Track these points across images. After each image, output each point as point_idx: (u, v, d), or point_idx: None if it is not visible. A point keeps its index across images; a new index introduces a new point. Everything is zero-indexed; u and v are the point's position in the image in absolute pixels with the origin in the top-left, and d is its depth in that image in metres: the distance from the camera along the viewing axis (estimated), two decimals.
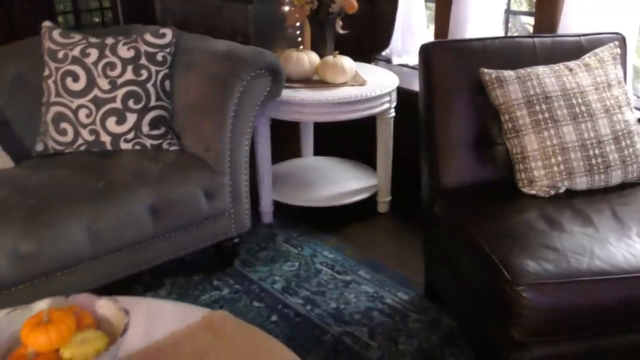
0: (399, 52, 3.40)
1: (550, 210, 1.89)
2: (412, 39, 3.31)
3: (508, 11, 3.01)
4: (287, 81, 2.66)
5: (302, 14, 2.89)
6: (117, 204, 2.15)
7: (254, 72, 2.38)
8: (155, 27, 2.63)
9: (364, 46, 3.39)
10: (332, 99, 2.71)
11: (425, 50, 2.18)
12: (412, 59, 3.33)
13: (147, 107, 2.42)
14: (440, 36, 3.02)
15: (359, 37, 3.23)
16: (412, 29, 3.30)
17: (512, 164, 2.06)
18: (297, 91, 2.76)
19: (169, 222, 2.28)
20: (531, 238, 1.74)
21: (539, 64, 2.12)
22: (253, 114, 2.46)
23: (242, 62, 2.39)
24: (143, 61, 2.43)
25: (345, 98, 2.72)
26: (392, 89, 2.87)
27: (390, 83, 2.88)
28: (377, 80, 2.90)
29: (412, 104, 2.41)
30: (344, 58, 2.83)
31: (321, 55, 2.91)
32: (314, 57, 2.90)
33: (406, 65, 3.37)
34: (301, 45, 3.13)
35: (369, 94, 2.76)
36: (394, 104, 2.94)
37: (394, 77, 2.96)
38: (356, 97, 2.73)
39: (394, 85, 2.89)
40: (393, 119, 2.97)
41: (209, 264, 2.67)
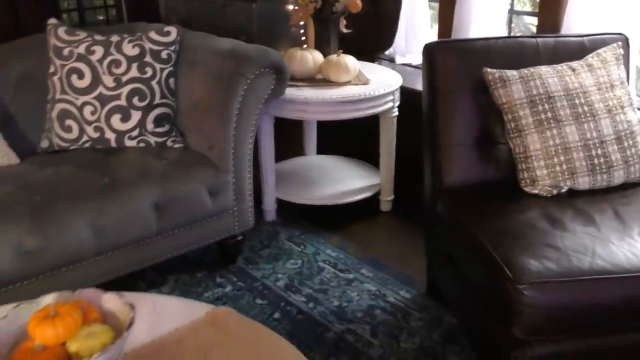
0: (403, 52, 3.40)
1: (553, 210, 1.89)
2: (416, 39, 3.31)
3: (511, 11, 3.01)
4: (291, 80, 2.66)
5: (306, 13, 2.90)
6: (121, 201, 2.15)
7: (258, 71, 2.39)
8: (160, 25, 2.64)
9: (368, 45, 3.39)
10: (335, 98, 2.72)
11: (428, 50, 2.19)
12: (416, 59, 3.34)
13: (152, 104, 2.43)
14: (444, 36, 3.02)
15: (363, 36, 3.23)
16: (416, 28, 3.30)
17: (515, 163, 2.06)
18: (301, 90, 2.76)
19: (173, 219, 2.29)
20: (533, 237, 1.74)
21: (542, 64, 2.13)
22: (257, 112, 2.47)
23: (247, 61, 2.39)
24: (148, 59, 2.44)
25: (348, 97, 2.73)
26: (395, 88, 2.87)
27: (394, 82, 2.88)
28: (380, 79, 2.91)
29: (415, 103, 2.42)
30: (348, 57, 2.83)
31: (325, 54, 2.92)
32: (318, 56, 2.90)
33: (409, 65, 3.37)
34: (305, 44, 3.13)
35: (372, 93, 2.76)
36: (397, 103, 2.94)
37: (397, 76, 2.97)
38: (359, 96, 2.74)
39: (397, 84, 2.89)
40: (396, 118, 2.97)
41: (212, 261, 2.68)
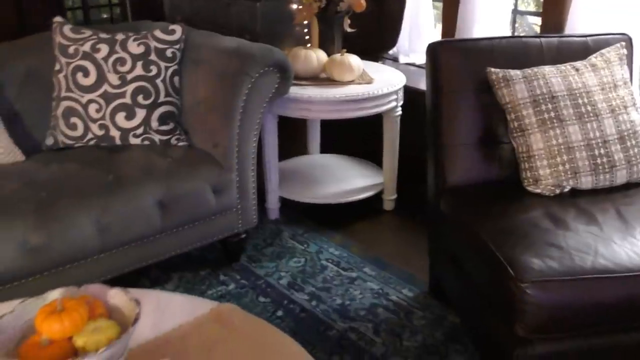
0: (406, 51, 3.41)
1: (555, 209, 1.90)
2: (419, 38, 3.31)
3: (515, 11, 3.01)
4: (295, 79, 2.67)
5: (310, 12, 2.91)
6: (126, 198, 2.17)
7: (262, 69, 2.40)
8: (165, 24, 2.65)
9: (372, 45, 3.39)
10: (339, 97, 2.73)
11: (432, 49, 2.19)
12: (419, 58, 3.34)
13: (156, 102, 2.44)
14: (448, 35, 3.03)
15: (367, 35, 3.23)
16: (420, 28, 3.31)
17: (518, 162, 2.07)
18: (305, 88, 2.77)
19: (177, 216, 2.30)
20: (536, 236, 1.75)
21: (546, 63, 2.13)
22: (261, 110, 2.48)
23: (251, 59, 2.40)
24: (153, 57, 2.45)
25: (352, 96, 2.74)
26: (398, 87, 2.88)
27: (397, 82, 2.89)
28: (384, 78, 2.91)
29: (419, 102, 2.43)
30: (352, 56, 2.84)
31: (329, 53, 2.93)
32: (322, 55, 2.91)
33: (413, 64, 3.38)
34: (309, 43, 3.14)
35: (375, 92, 2.77)
36: (401, 102, 2.95)
37: (401, 75, 2.97)
38: (363, 95, 2.74)
39: (401, 83, 2.90)
40: (399, 118, 2.98)
41: (215, 259, 2.69)
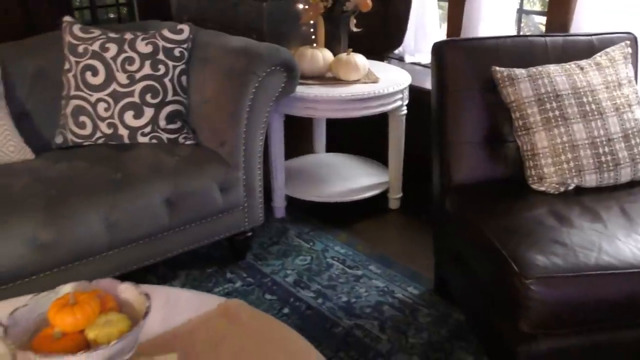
0: (412, 51, 3.42)
1: (560, 207, 1.91)
2: (425, 38, 3.32)
3: (520, 10, 3.02)
4: (301, 78, 2.68)
5: (316, 12, 2.92)
6: (134, 196, 2.19)
7: (269, 69, 2.41)
8: (173, 23, 2.67)
9: (377, 44, 3.41)
10: (345, 96, 2.74)
11: (438, 48, 2.20)
12: (425, 58, 3.35)
13: (164, 101, 2.46)
14: (453, 35, 3.03)
15: (373, 35, 3.25)
16: (425, 27, 3.32)
17: (523, 161, 2.08)
18: (311, 88, 2.79)
19: (184, 214, 2.32)
20: (540, 233, 1.76)
21: (551, 62, 2.14)
22: (267, 109, 2.49)
23: (258, 58, 2.42)
24: (161, 56, 2.47)
25: (358, 95, 2.75)
26: (404, 86, 2.89)
27: (403, 81, 2.90)
28: (389, 78, 2.93)
29: (424, 102, 2.44)
30: (357, 56, 2.85)
31: (335, 53, 2.94)
32: (328, 54, 2.92)
33: (418, 64, 3.39)
34: (315, 43, 3.15)
35: (381, 91, 2.78)
36: (406, 101, 2.96)
37: (407, 75, 2.98)
38: (369, 94, 2.76)
39: (406, 83, 2.91)
40: (405, 117, 2.99)
41: (222, 256, 2.71)
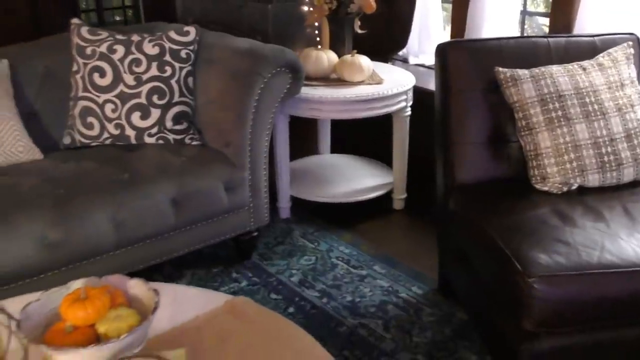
0: (416, 52, 3.43)
1: (563, 206, 1.92)
2: (429, 40, 3.33)
3: (524, 12, 3.03)
4: (306, 79, 2.71)
5: (321, 14, 2.94)
6: (140, 196, 2.21)
7: (274, 70, 2.43)
8: (179, 25, 2.69)
9: (382, 46, 3.42)
10: (349, 97, 2.76)
11: (441, 50, 2.22)
12: (429, 59, 3.36)
13: (171, 102, 2.49)
14: (457, 37, 3.04)
15: (377, 37, 3.26)
16: (429, 29, 3.33)
17: (526, 161, 2.09)
18: (316, 89, 2.81)
19: (190, 214, 2.34)
20: (543, 232, 1.77)
21: (554, 63, 2.15)
22: (273, 110, 2.52)
23: (263, 60, 2.44)
24: (167, 58, 2.49)
25: (362, 96, 2.77)
26: (408, 88, 2.91)
27: (407, 82, 2.92)
28: (393, 79, 2.94)
29: (428, 103, 2.45)
30: (362, 57, 2.87)
31: (339, 54, 2.96)
32: (333, 56, 2.94)
33: (422, 65, 3.40)
34: (320, 45, 3.17)
35: (385, 92, 2.80)
36: (410, 102, 2.98)
37: (411, 76, 3.00)
38: (373, 95, 2.78)
39: (411, 84, 2.93)
40: (409, 118, 3.01)
41: (227, 256, 2.73)
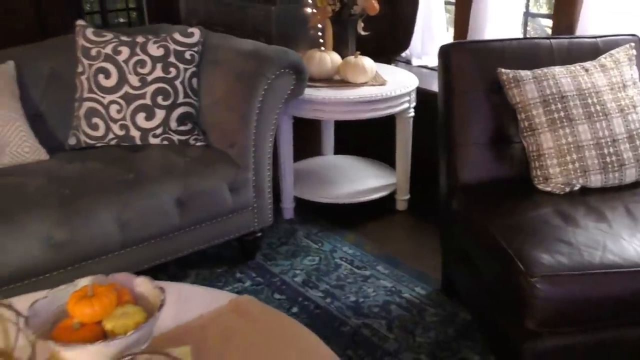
0: (419, 54, 3.44)
1: (565, 207, 1.92)
2: (432, 41, 3.34)
3: (527, 14, 3.04)
4: (310, 80, 2.72)
5: (324, 15, 2.95)
6: (145, 196, 2.22)
7: (278, 71, 2.45)
8: (184, 27, 2.70)
9: (385, 47, 3.43)
10: (353, 98, 2.77)
11: (444, 51, 2.23)
12: (432, 61, 3.37)
13: (175, 103, 2.50)
14: (460, 38, 3.05)
15: (380, 38, 3.27)
16: (432, 31, 3.34)
17: (528, 161, 2.10)
18: (320, 90, 2.82)
19: (195, 214, 2.35)
20: (546, 232, 1.78)
21: (556, 64, 2.16)
22: (277, 111, 2.53)
23: (267, 61, 2.45)
24: (172, 59, 2.51)
25: (365, 97, 2.78)
26: (411, 89, 2.92)
27: (410, 83, 2.93)
28: (397, 80, 2.95)
29: (431, 104, 2.46)
30: (365, 58, 2.88)
31: (343, 56, 2.97)
32: (336, 57, 2.96)
33: (425, 67, 3.41)
34: (323, 46, 3.18)
35: (388, 93, 2.81)
36: (413, 104, 2.99)
37: (414, 77, 3.01)
38: (376, 96, 2.79)
39: (414, 85, 2.94)
40: (412, 119, 3.02)
41: (231, 256, 2.74)
